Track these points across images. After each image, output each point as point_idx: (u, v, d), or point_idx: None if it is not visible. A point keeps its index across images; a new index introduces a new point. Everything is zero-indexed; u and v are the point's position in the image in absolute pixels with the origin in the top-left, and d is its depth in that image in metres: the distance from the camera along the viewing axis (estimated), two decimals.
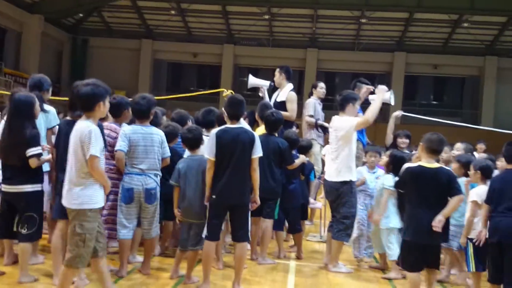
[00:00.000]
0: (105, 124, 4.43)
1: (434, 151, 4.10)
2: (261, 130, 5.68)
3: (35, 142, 4.08)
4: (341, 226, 5.09)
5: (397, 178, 4.69)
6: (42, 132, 4.45)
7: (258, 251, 5.35)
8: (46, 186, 4.39)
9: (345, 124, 5.13)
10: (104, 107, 3.50)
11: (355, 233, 5.37)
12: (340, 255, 5.25)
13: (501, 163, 5.47)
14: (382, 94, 5.31)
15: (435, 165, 4.11)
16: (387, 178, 5.12)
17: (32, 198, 4.11)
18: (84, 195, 3.39)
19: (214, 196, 4.12)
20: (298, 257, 5.63)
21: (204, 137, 4.57)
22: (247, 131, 4.27)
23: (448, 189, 4.01)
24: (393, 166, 5.08)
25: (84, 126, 3.40)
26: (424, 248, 4.03)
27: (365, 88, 6.72)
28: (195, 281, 4.38)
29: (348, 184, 5.11)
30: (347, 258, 5.56)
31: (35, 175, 4.14)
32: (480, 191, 4.50)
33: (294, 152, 5.64)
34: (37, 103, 4.27)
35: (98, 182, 3.45)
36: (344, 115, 5.23)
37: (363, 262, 5.56)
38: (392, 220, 5.07)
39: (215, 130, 4.25)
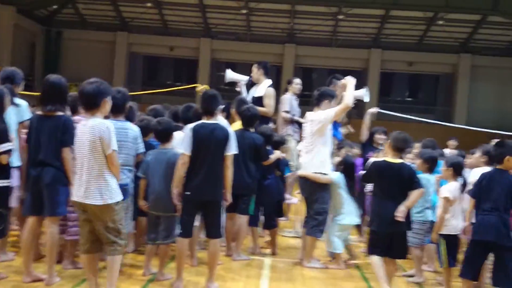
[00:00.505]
0: (77, 118, 4.35)
1: (399, 149, 4.40)
2: (237, 125, 5.66)
3: (4, 138, 3.98)
4: (314, 222, 5.12)
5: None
6: (14, 127, 4.34)
7: (233, 247, 5.34)
8: (15, 182, 4.29)
9: (322, 116, 5.15)
10: (108, 104, 3.62)
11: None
12: (315, 251, 5.29)
13: (470, 160, 5.59)
14: (352, 84, 5.33)
15: (399, 160, 4.38)
16: (336, 174, 5.28)
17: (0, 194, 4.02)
18: (108, 190, 3.50)
19: (187, 193, 4.08)
20: (273, 253, 5.65)
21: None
22: (223, 127, 4.24)
23: (410, 183, 4.31)
24: (344, 167, 5.36)
25: (100, 123, 3.50)
26: (389, 237, 4.30)
27: (340, 84, 6.78)
28: (168, 278, 4.35)
29: (323, 176, 5.13)
30: (321, 253, 5.59)
31: (3, 171, 4.04)
32: (451, 188, 4.58)
33: (269, 147, 5.64)
34: (8, 97, 4.16)
35: (115, 177, 3.57)
36: (319, 111, 5.25)
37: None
38: (347, 217, 5.23)
39: (191, 125, 4.21)
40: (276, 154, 5.67)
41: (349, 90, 5.25)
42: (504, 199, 4.07)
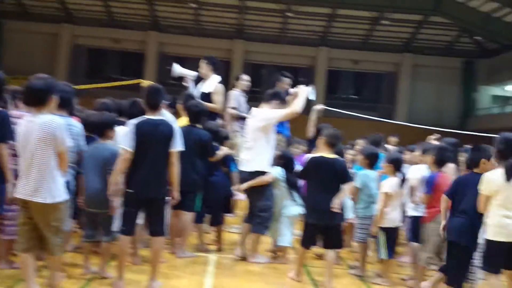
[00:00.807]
0: (19, 113, 4.15)
1: (331, 144, 4.68)
2: (183, 121, 5.59)
3: None
4: (259, 220, 5.14)
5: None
6: None
7: (178, 245, 5.29)
8: None
9: (269, 114, 5.17)
10: (55, 101, 3.57)
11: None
12: (260, 246, 5.32)
13: (409, 156, 5.81)
14: (304, 92, 5.40)
15: (333, 156, 4.66)
16: (276, 169, 5.34)
17: None
18: (57, 188, 3.47)
19: (130, 190, 3.99)
20: (219, 249, 5.63)
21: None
22: (167, 123, 4.16)
23: (343, 177, 4.59)
24: (283, 162, 5.42)
25: (51, 120, 3.44)
26: (324, 228, 4.54)
27: (288, 81, 6.89)
28: (109, 277, 4.24)
29: (265, 174, 5.16)
30: (266, 248, 5.64)
31: None
32: (390, 183, 4.76)
33: (216, 144, 5.62)
34: None
35: (64, 174, 3.53)
36: (266, 108, 5.27)
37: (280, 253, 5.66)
38: (292, 208, 5.33)
39: (134, 121, 4.11)
40: (223, 150, 5.66)
41: (301, 98, 5.33)
42: (475, 203, 4.06)
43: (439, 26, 25.92)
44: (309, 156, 4.89)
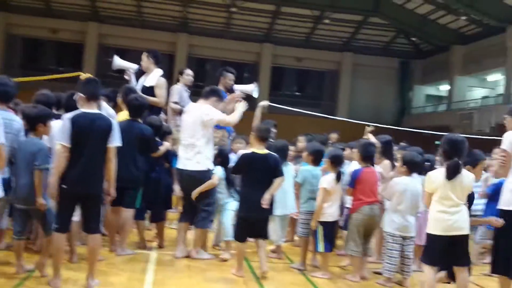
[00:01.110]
0: None
1: (263, 138, 4.73)
2: (123, 115, 5.45)
3: None
4: (204, 214, 5.11)
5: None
6: None
7: (118, 242, 5.16)
8: None
9: (212, 113, 5.12)
10: None
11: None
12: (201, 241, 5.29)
13: (348, 152, 5.98)
14: (243, 108, 5.39)
15: (265, 151, 4.71)
16: (216, 168, 5.33)
17: None
18: None
19: (64, 186, 3.85)
20: (160, 246, 5.55)
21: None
22: (105, 117, 4.03)
23: (274, 171, 4.66)
24: (221, 159, 5.40)
25: None
26: (255, 222, 4.66)
27: (231, 76, 6.88)
28: (45, 275, 4.08)
29: (208, 172, 5.13)
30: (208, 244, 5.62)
31: None
32: (329, 179, 4.89)
33: (158, 139, 5.52)
34: None
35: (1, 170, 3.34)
36: (206, 105, 5.21)
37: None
38: (231, 204, 5.36)
39: (69, 115, 3.95)
40: (165, 146, 5.57)
41: (238, 111, 5.33)
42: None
43: (378, 26, 26.82)
44: (241, 152, 4.95)
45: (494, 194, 5.10)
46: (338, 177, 4.94)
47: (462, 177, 4.04)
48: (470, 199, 4.25)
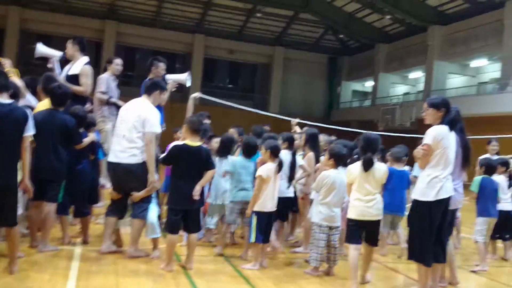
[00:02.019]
0: None
1: (195, 130, 4.71)
2: (44, 104, 5.16)
3: None
4: (145, 205, 4.94)
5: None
6: None
7: (39, 238, 4.90)
8: None
9: (155, 115, 4.94)
10: None
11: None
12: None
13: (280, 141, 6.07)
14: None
15: (197, 143, 4.71)
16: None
17: None
18: None
19: None
20: (85, 242, 5.34)
21: None
22: (19, 107, 3.88)
23: (206, 164, 4.69)
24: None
25: None
26: (185, 213, 4.65)
27: (163, 66, 6.74)
28: None
29: (144, 164, 4.95)
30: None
31: None
32: (266, 168, 4.95)
33: (82, 130, 5.29)
34: None
35: None
36: (148, 100, 5.04)
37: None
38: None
39: None
40: (90, 137, 5.34)
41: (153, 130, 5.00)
42: None
43: (308, 22, 27.41)
44: (173, 144, 4.85)
45: None
46: (279, 168, 5.01)
47: (375, 170, 4.55)
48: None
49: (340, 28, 26.93)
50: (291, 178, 5.67)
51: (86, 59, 6.42)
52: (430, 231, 4.11)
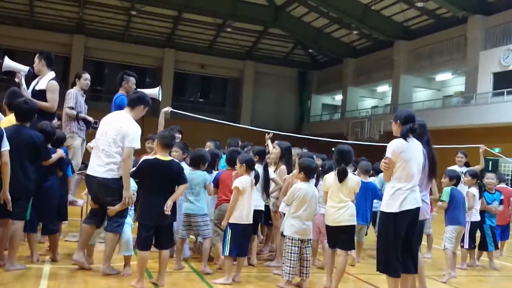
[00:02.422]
0: None
1: (166, 145, 4.68)
2: (8, 120, 5.04)
3: None
4: (120, 220, 4.85)
5: None
6: None
7: (6, 257, 4.76)
8: None
9: (136, 130, 4.86)
10: None
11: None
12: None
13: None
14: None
15: (169, 158, 4.70)
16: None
17: None
18: None
19: None
20: (54, 260, 5.21)
21: None
22: None
23: (177, 178, 4.65)
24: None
25: None
26: (156, 228, 4.59)
27: (133, 80, 6.71)
28: None
29: (121, 180, 4.86)
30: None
31: None
32: (243, 180, 4.97)
33: (50, 146, 5.19)
34: None
35: None
36: (130, 114, 4.97)
37: None
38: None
39: None
40: (58, 153, 5.25)
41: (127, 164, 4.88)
42: None
43: (277, 37, 27.75)
44: (143, 158, 4.80)
45: None
46: (256, 180, 5.04)
47: (348, 180, 4.90)
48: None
49: (309, 43, 27.36)
50: (266, 191, 5.68)
51: (52, 74, 6.31)
52: (395, 242, 4.12)
